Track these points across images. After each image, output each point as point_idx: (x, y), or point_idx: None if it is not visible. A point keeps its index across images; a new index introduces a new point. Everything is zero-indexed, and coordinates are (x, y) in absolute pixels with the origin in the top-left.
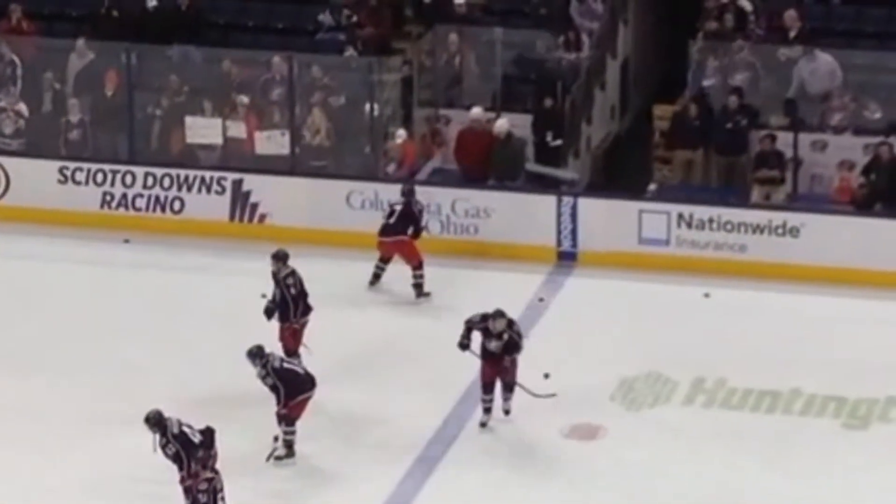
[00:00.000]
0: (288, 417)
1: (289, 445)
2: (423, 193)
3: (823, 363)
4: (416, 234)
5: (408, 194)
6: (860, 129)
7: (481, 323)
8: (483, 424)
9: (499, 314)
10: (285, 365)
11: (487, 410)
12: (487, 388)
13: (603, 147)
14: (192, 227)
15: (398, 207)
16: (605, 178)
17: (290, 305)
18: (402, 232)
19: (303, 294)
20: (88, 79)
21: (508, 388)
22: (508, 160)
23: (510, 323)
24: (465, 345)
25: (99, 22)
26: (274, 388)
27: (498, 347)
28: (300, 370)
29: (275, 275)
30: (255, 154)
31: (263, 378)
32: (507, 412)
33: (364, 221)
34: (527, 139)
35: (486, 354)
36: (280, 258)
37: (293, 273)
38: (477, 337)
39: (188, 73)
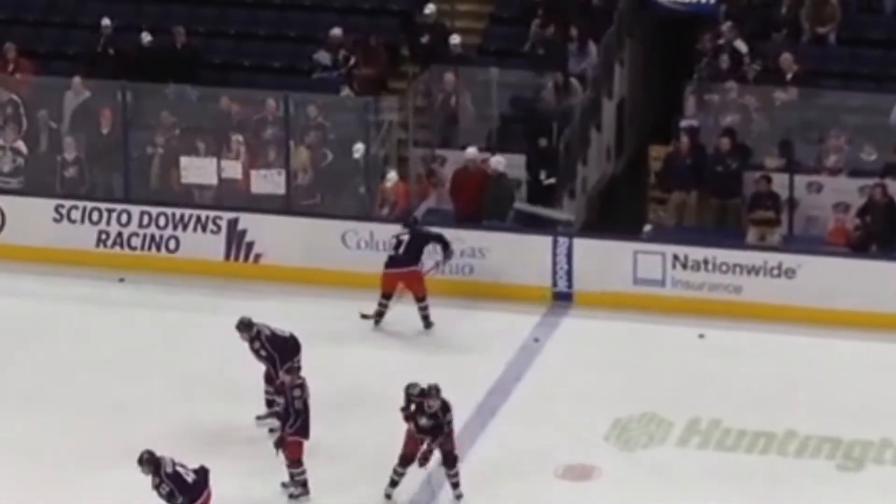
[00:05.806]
0: (288, 459)
1: (302, 484)
2: None
3: (818, 405)
4: (446, 250)
5: (412, 223)
6: (856, 171)
7: (419, 397)
8: (388, 496)
9: (435, 392)
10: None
11: (394, 483)
12: (405, 461)
13: (598, 188)
14: (187, 266)
15: (405, 238)
16: (601, 219)
17: (270, 362)
18: (412, 262)
19: (278, 347)
20: (84, 117)
21: (450, 461)
22: (498, 198)
23: (444, 406)
24: (408, 416)
25: (95, 60)
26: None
27: (426, 426)
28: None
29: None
30: (251, 193)
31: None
32: (458, 497)
33: (360, 261)
34: (521, 179)
35: (418, 429)
36: (241, 328)
37: (258, 335)
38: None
39: (184, 112)
